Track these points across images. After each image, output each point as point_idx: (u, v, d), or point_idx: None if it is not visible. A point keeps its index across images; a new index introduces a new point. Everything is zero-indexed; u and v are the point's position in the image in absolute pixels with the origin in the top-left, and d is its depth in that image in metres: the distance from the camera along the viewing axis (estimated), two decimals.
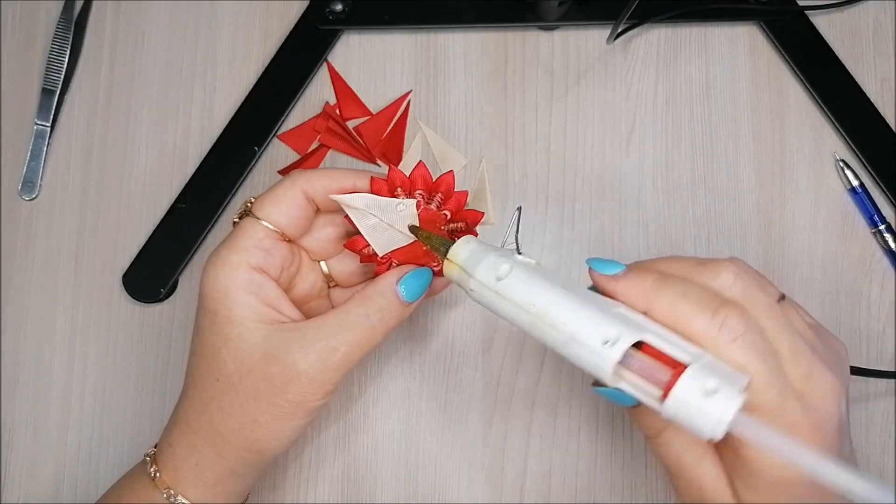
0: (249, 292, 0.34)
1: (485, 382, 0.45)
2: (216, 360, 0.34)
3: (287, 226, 0.36)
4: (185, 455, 0.35)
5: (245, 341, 0.33)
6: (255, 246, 0.35)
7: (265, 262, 0.35)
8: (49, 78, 0.48)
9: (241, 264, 0.34)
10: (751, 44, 0.49)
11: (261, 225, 0.35)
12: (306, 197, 0.36)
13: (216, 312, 0.34)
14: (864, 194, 0.46)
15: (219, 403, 0.34)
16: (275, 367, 0.33)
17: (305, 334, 0.34)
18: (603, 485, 0.43)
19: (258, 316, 0.34)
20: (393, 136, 0.47)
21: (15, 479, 0.44)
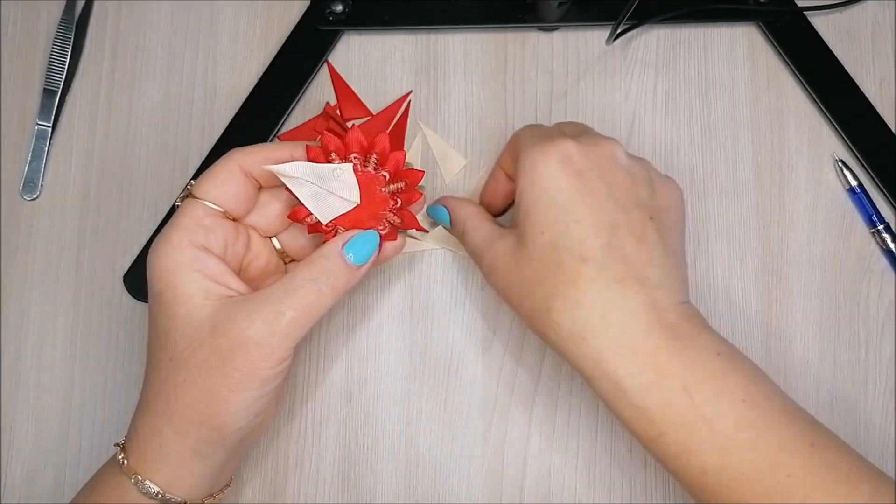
0: (193, 269, 0.34)
1: (485, 382, 0.45)
2: (168, 341, 0.34)
3: (227, 202, 0.36)
4: (147, 438, 0.35)
5: (192, 318, 0.34)
6: (196, 224, 0.35)
7: (206, 239, 0.35)
8: (50, 78, 0.48)
9: (182, 242, 0.34)
10: (750, 44, 0.49)
11: (200, 203, 0.35)
12: (244, 173, 0.36)
13: (162, 293, 0.34)
14: (863, 194, 0.46)
15: (173, 381, 0.34)
16: (222, 338, 0.33)
17: (252, 303, 0.34)
18: (603, 485, 0.44)
19: (204, 292, 0.34)
20: (393, 136, 0.47)
21: (15, 479, 0.44)
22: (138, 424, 0.36)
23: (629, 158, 0.37)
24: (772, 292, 0.46)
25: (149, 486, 0.35)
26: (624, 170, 0.37)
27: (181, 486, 0.35)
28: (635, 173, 0.37)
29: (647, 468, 0.44)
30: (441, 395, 0.45)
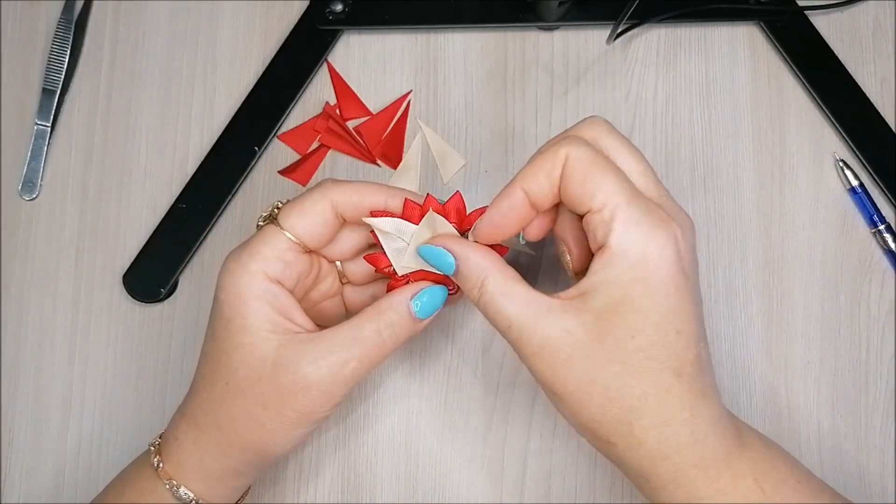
0: (265, 302, 0.34)
1: (485, 382, 0.45)
2: (228, 365, 0.34)
3: (310, 239, 0.36)
4: (190, 450, 0.35)
5: (257, 349, 0.34)
6: (276, 257, 0.35)
7: (283, 274, 0.35)
8: (49, 78, 0.48)
9: (259, 273, 0.34)
10: (750, 44, 0.49)
11: (283, 235, 0.35)
12: (334, 211, 0.36)
13: (231, 319, 0.34)
14: (864, 194, 0.46)
15: (227, 407, 0.34)
16: (285, 377, 0.33)
17: (317, 346, 0.34)
18: (603, 485, 0.43)
19: (271, 325, 0.34)
20: (393, 136, 0.47)
21: (15, 478, 0.44)
22: (181, 434, 0.36)
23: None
24: (772, 292, 0.46)
25: (185, 493, 0.35)
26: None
27: (213, 495, 0.36)
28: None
29: None
30: (441, 394, 0.45)
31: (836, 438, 0.44)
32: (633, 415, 0.31)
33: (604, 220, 0.31)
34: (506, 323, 0.32)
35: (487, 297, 0.33)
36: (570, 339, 0.31)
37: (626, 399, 0.31)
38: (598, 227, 0.31)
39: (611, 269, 0.30)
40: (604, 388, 0.31)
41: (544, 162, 0.32)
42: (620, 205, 0.30)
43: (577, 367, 0.31)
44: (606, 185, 0.31)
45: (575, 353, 0.31)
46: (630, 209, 0.30)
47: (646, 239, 0.30)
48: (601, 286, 0.31)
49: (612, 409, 0.31)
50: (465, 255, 0.34)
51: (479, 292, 0.33)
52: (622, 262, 0.30)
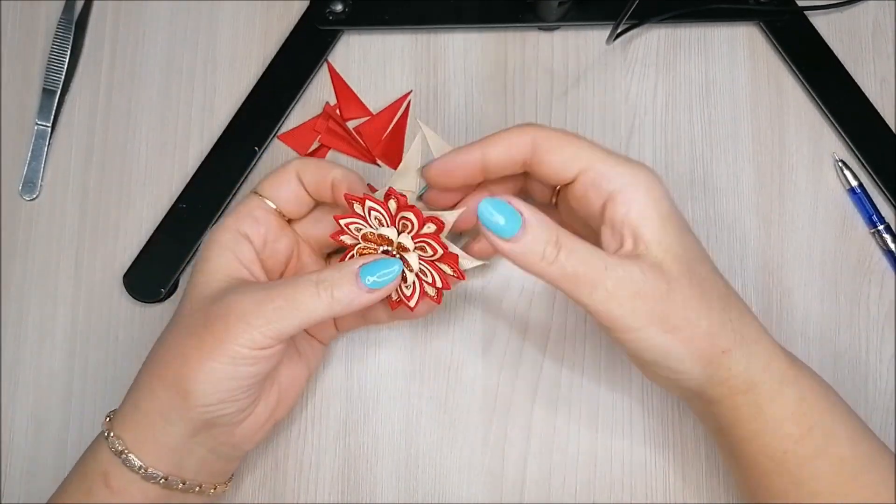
0: (228, 248, 0.37)
1: (485, 382, 0.45)
2: (182, 303, 0.37)
3: (281, 202, 0.39)
4: (131, 393, 0.37)
5: (207, 286, 0.36)
6: (246, 213, 0.38)
7: (250, 228, 0.38)
8: (49, 78, 0.48)
9: (230, 227, 0.37)
10: (750, 44, 0.49)
11: (257, 197, 0.39)
12: (298, 179, 0.39)
13: (197, 263, 0.37)
14: (863, 194, 0.46)
15: (163, 339, 0.36)
16: (214, 305, 0.35)
17: (254, 286, 0.36)
18: (603, 485, 0.44)
19: (227, 269, 0.36)
20: (393, 136, 0.47)
21: (15, 478, 0.44)
22: (127, 398, 0.37)
23: None
24: (772, 292, 0.46)
25: (115, 442, 0.35)
26: None
27: (146, 450, 0.35)
28: None
29: (647, 468, 0.44)
30: (441, 395, 0.45)
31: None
32: (726, 312, 0.34)
33: (601, 173, 0.35)
34: (601, 266, 0.33)
35: (569, 248, 0.33)
36: (660, 271, 0.33)
37: (716, 300, 0.34)
38: (598, 180, 0.35)
39: (638, 204, 0.34)
40: (701, 298, 0.34)
41: (509, 136, 0.36)
42: (604, 158, 0.35)
43: (677, 291, 0.33)
44: (584, 149, 0.35)
45: (671, 280, 0.33)
46: (615, 158, 0.35)
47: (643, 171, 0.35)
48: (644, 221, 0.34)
49: (715, 315, 0.34)
50: (531, 211, 0.33)
51: (556, 245, 0.33)
52: (642, 194, 0.34)
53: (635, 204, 0.34)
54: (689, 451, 0.44)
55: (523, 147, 0.36)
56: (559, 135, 0.36)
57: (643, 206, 0.34)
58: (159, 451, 0.35)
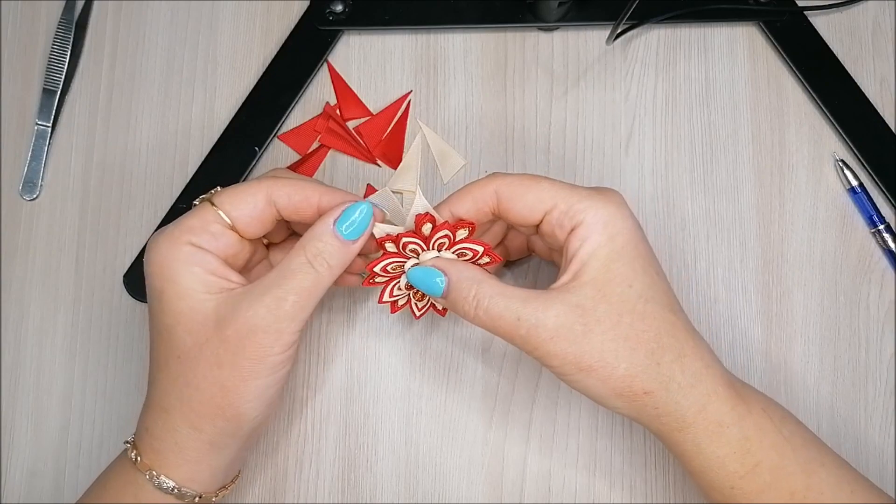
0: (192, 263, 0.34)
1: (485, 382, 0.45)
2: (173, 338, 0.34)
3: (239, 220, 0.36)
4: (162, 437, 0.35)
5: (196, 313, 0.34)
6: (201, 227, 0.35)
7: (210, 244, 0.35)
8: (50, 78, 0.48)
9: (182, 239, 0.35)
10: (750, 44, 0.49)
11: (213, 210, 0.36)
12: (268, 199, 0.36)
13: (163, 290, 0.34)
14: (864, 194, 0.46)
15: (185, 379, 0.34)
16: (229, 329, 0.34)
17: (252, 292, 0.34)
18: (603, 485, 0.44)
19: (205, 285, 0.34)
20: (393, 136, 0.47)
21: (15, 478, 0.44)
22: (150, 424, 0.36)
23: None
24: (772, 292, 0.46)
25: (164, 482, 0.35)
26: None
27: (197, 479, 0.36)
28: None
29: (646, 468, 0.44)
30: (441, 395, 0.45)
31: (835, 438, 0.44)
32: (656, 355, 0.34)
33: (563, 212, 0.35)
34: (514, 318, 0.34)
35: (487, 302, 0.35)
36: (580, 311, 0.34)
37: (645, 343, 0.34)
38: (561, 219, 0.35)
39: (591, 239, 0.34)
40: (624, 340, 0.34)
41: (472, 191, 0.37)
42: (567, 195, 0.35)
43: (596, 333, 0.34)
44: (546, 191, 0.36)
45: (590, 322, 0.34)
46: (578, 194, 0.35)
47: (606, 206, 0.35)
48: (590, 258, 0.34)
49: (638, 357, 0.34)
50: (454, 269, 0.36)
51: (475, 300, 0.35)
52: (598, 229, 0.34)
53: (588, 240, 0.34)
54: None
55: (489, 199, 0.37)
56: (520, 180, 0.36)
57: (595, 242, 0.34)
58: (210, 476, 0.36)
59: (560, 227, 0.35)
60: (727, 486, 0.35)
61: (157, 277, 0.35)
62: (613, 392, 0.34)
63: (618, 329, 0.34)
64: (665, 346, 0.34)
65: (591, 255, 0.34)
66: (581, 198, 0.35)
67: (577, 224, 0.35)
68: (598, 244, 0.34)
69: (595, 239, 0.34)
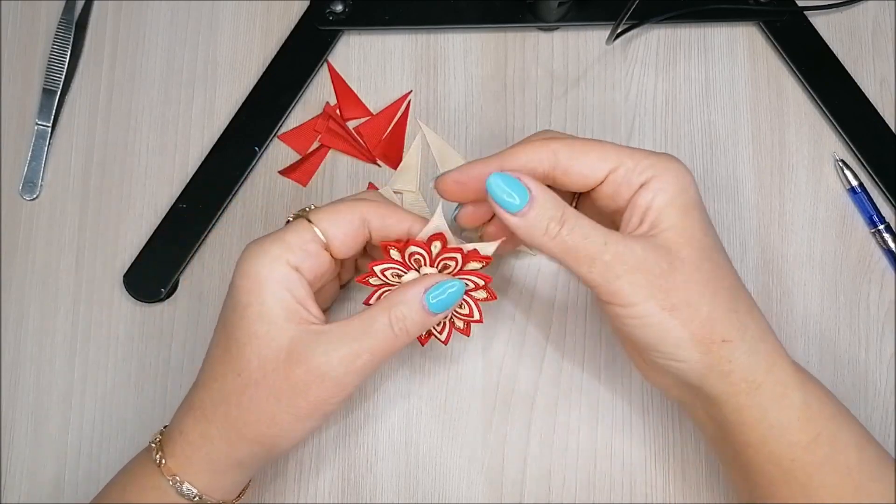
0: (284, 288, 0.34)
1: (485, 382, 0.45)
2: (240, 355, 0.34)
3: (335, 241, 0.36)
4: (197, 444, 0.35)
5: (272, 339, 0.34)
6: (300, 246, 0.35)
7: (304, 263, 0.35)
8: (50, 78, 0.48)
9: (281, 259, 0.34)
10: (750, 44, 0.49)
11: (311, 228, 0.35)
12: (364, 223, 0.36)
13: (247, 306, 0.34)
14: (864, 194, 0.46)
15: (238, 398, 0.34)
16: (298, 368, 0.34)
17: (330, 338, 0.34)
18: (603, 485, 0.44)
19: (287, 314, 0.34)
20: (393, 136, 0.47)
21: (15, 478, 0.44)
22: (187, 428, 0.36)
23: None
24: (772, 292, 0.46)
25: (188, 488, 0.35)
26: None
27: (219, 489, 0.36)
28: None
29: (646, 468, 0.44)
30: (441, 395, 0.45)
31: None
32: (734, 303, 0.34)
33: (631, 168, 0.35)
34: (601, 241, 0.33)
35: (574, 222, 0.33)
36: (665, 251, 0.33)
37: (725, 290, 0.34)
38: (629, 175, 0.35)
39: (666, 190, 0.34)
40: (706, 284, 0.33)
41: (528, 149, 0.35)
42: (633, 153, 0.35)
43: (680, 272, 0.33)
44: (609, 150, 0.35)
45: (675, 261, 0.33)
46: (643, 152, 0.35)
47: (672, 162, 0.35)
48: (668, 206, 0.34)
49: (720, 302, 0.33)
50: (539, 187, 0.34)
51: (561, 220, 0.33)
52: (672, 181, 0.34)
53: (662, 191, 0.34)
54: (689, 451, 0.44)
55: (545, 160, 0.35)
56: (580, 141, 0.36)
57: (670, 193, 0.34)
58: (231, 488, 0.37)
59: (628, 183, 0.35)
60: (788, 457, 0.34)
61: (244, 291, 0.34)
62: (693, 337, 0.33)
63: (700, 273, 0.33)
64: (739, 297, 0.35)
65: (668, 203, 0.34)
66: (646, 155, 0.35)
67: (648, 179, 0.34)
68: (674, 194, 0.34)
69: (670, 190, 0.34)
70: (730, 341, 0.33)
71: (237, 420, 0.34)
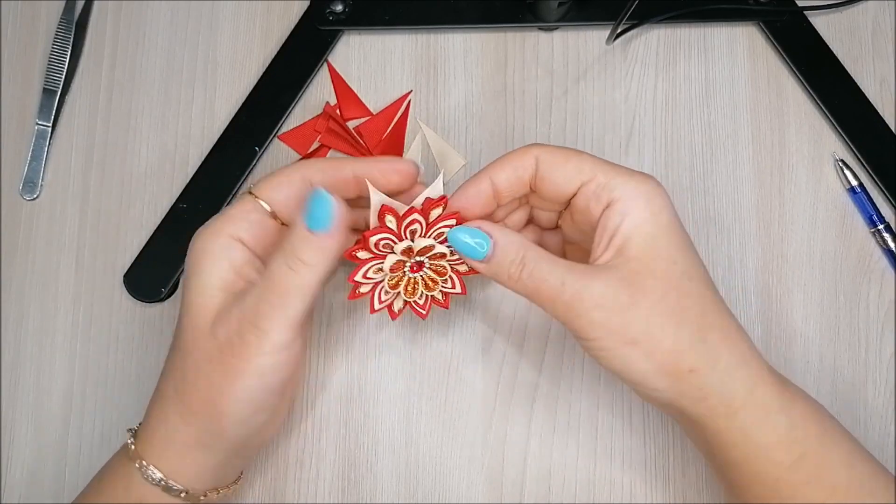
0: (221, 258, 0.35)
1: (485, 382, 0.45)
2: (179, 329, 0.36)
3: (281, 207, 0.37)
4: (156, 425, 0.36)
5: (204, 307, 0.35)
6: (241, 216, 0.36)
7: (246, 232, 0.36)
8: (50, 78, 0.48)
9: (222, 231, 0.35)
10: (750, 44, 0.49)
11: (252, 198, 0.36)
12: (303, 178, 0.37)
13: (188, 278, 0.35)
14: (863, 194, 0.46)
15: (182, 369, 0.35)
16: (220, 328, 0.34)
17: (244, 294, 0.34)
18: (603, 485, 0.44)
19: (223, 283, 0.35)
20: (393, 136, 0.48)
21: (15, 478, 0.44)
22: (150, 410, 0.37)
23: None
24: (772, 292, 0.46)
25: (152, 472, 0.35)
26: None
27: (184, 474, 0.36)
28: None
29: (646, 468, 0.44)
30: (441, 395, 0.45)
31: None
32: (702, 332, 0.33)
33: (602, 184, 0.35)
34: (559, 282, 0.34)
35: (532, 266, 0.34)
36: (627, 283, 0.33)
37: (691, 320, 0.33)
38: (598, 191, 0.35)
39: (633, 214, 0.34)
40: (670, 315, 0.33)
41: (513, 158, 0.37)
42: (607, 169, 0.35)
43: (642, 305, 0.33)
44: (586, 162, 0.35)
45: (636, 293, 0.33)
46: (617, 169, 0.35)
47: (646, 182, 0.34)
48: (633, 232, 0.34)
49: (685, 333, 0.33)
50: (500, 232, 0.35)
51: (521, 264, 0.34)
52: (641, 205, 0.34)
53: (630, 214, 0.34)
54: (689, 451, 0.44)
55: (528, 166, 0.36)
56: (562, 150, 0.36)
57: (637, 218, 0.34)
58: (197, 474, 0.36)
59: (596, 199, 0.35)
60: (772, 478, 0.33)
61: (188, 267, 0.35)
62: (658, 368, 0.33)
63: (664, 303, 0.33)
64: (711, 324, 0.34)
65: (634, 229, 0.34)
66: (620, 173, 0.35)
67: (616, 199, 0.34)
68: (641, 219, 0.34)
69: (638, 214, 0.34)
70: (696, 370, 0.33)
71: (184, 392, 0.35)
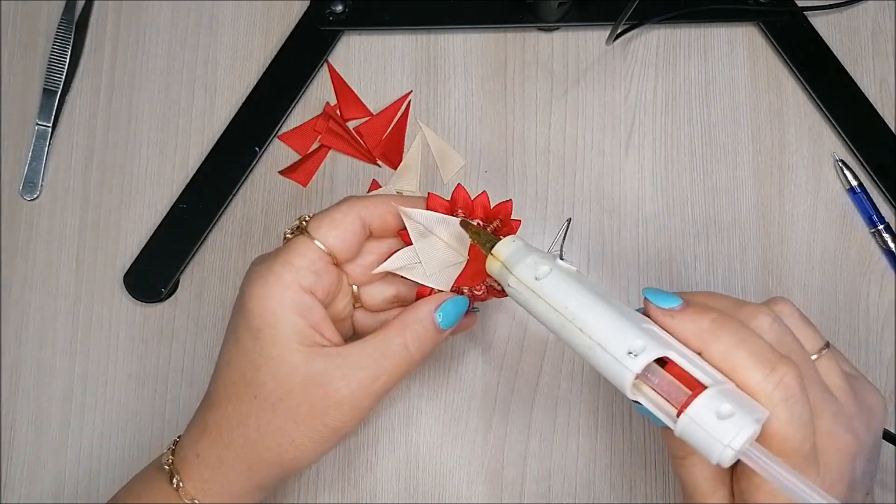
0: (297, 314, 0.34)
1: (485, 382, 0.45)
2: (255, 378, 0.34)
3: (340, 250, 0.35)
4: (214, 467, 0.35)
5: (286, 362, 0.33)
6: (307, 267, 0.34)
7: (315, 284, 0.34)
8: (50, 78, 0.48)
9: (293, 284, 0.34)
10: (750, 45, 0.49)
11: (315, 245, 0.35)
12: (362, 223, 0.36)
13: (260, 330, 0.34)
14: (863, 194, 0.46)
15: (256, 421, 0.34)
16: (316, 391, 0.33)
17: (347, 361, 0.34)
18: (603, 485, 0.44)
19: (301, 338, 0.34)
20: (393, 136, 0.48)
21: (16, 478, 0.44)
22: (203, 451, 0.35)
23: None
24: (772, 292, 0.46)
25: None
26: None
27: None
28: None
29: (646, 468, 0.44)
30: (441, 395, 0.45)
31: None
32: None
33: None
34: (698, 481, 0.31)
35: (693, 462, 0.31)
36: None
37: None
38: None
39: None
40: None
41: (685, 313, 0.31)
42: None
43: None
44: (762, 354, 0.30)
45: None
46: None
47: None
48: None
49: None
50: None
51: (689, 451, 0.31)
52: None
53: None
54: None
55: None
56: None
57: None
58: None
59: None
60: None
61: (256, 316, 0.34)
62: None
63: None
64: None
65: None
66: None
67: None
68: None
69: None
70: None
71: (256, 443, 0.34)
